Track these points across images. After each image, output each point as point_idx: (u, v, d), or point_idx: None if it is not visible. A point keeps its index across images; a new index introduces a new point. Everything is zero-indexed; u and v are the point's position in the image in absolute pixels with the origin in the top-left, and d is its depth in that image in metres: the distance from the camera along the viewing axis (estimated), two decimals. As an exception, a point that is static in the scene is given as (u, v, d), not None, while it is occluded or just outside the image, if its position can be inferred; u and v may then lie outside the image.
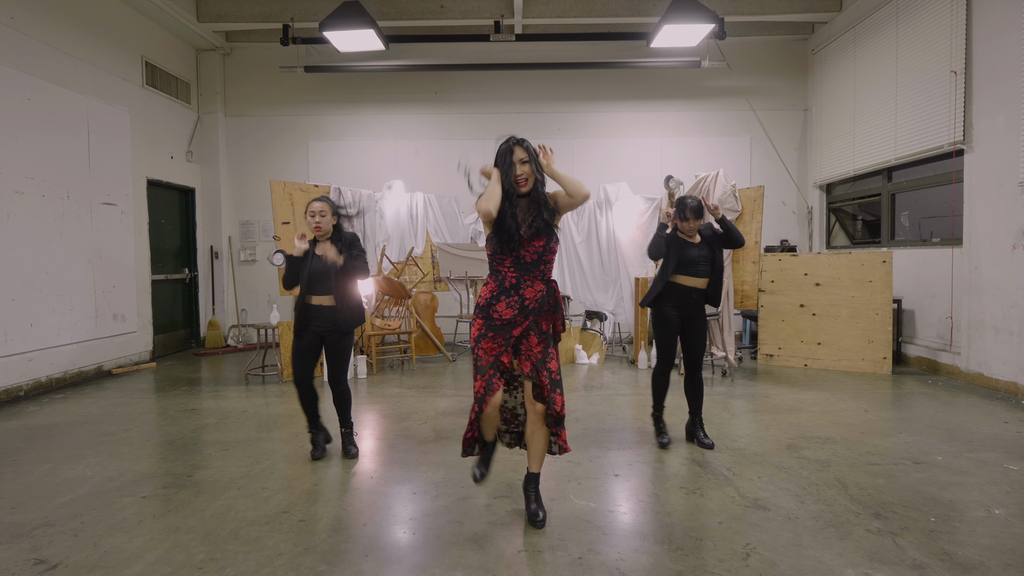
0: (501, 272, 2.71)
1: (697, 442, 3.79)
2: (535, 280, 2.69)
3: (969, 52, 5.44)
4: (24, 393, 5.40)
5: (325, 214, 3.57)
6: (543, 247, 2.69)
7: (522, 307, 2.67)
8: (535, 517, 2.70)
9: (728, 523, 2.69)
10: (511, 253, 2.68)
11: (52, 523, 2.79)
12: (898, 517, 2.73)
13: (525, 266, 2.68)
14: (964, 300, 5.52)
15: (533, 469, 2.79)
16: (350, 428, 3.77)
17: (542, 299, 2.70)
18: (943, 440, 3.85)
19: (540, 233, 2.68)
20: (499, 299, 2.67)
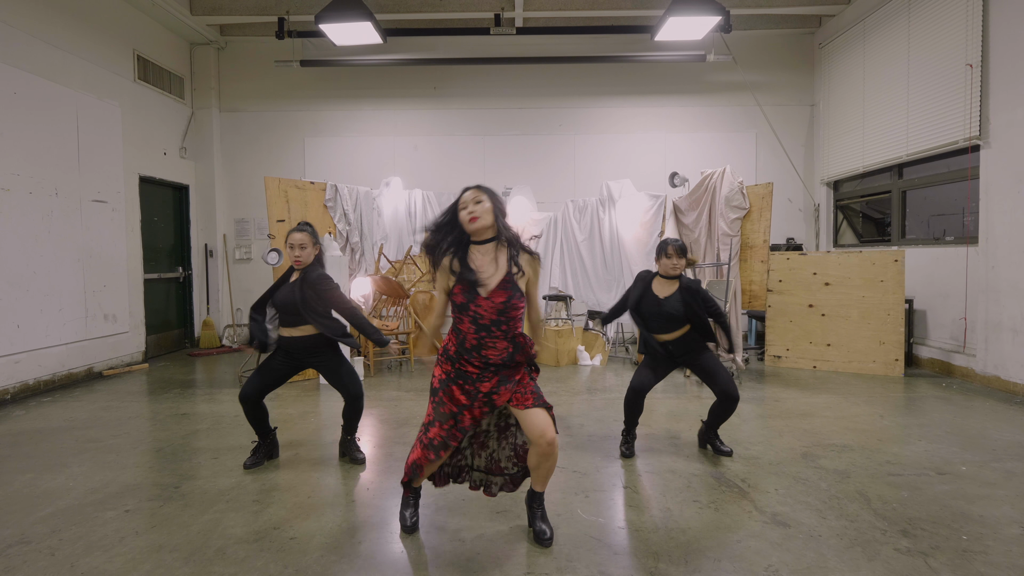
0: (461, 332, 2.45)
1: (713, 449, 3.63)
2: (496, 340, 2.41)
3: (986, 44, 5.26)
4: (11, 396, 5.23)
5: (306, 246, 3.42)
6: (503, 303, 2.37)
7: (486, 366, 2.44)
8: (542, 536, 2.54)
9: (747, 541, 2.53)
10: (465, 312, 2.40)
11: (28, 540, 2.62)
12: (927, 535, 2.57)
13: (484, 326, 2.39)
14: (980, 300, 5.36)
15: (538, 489, 2.60)
16: (353, 436, 3.64)
17: (507, 357, 2.44)
18: (965, 448, 3.69)
19: (500, 288, 2.38)
20: (462, 356, 2.46)
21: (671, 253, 3.45)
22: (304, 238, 3.41)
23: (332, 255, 5.77)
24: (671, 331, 3.48)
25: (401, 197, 7.43)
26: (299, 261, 3.40)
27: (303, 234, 3.41)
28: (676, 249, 3.44)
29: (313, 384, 5.70)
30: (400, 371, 6.38)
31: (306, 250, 3.42)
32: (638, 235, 6.91)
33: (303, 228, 3.45)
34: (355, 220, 6.91)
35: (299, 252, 3.40)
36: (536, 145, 8.36)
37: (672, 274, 3.47)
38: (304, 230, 3.44)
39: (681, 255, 3.45)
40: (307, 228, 3.46)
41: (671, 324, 3.45)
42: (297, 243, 3.39)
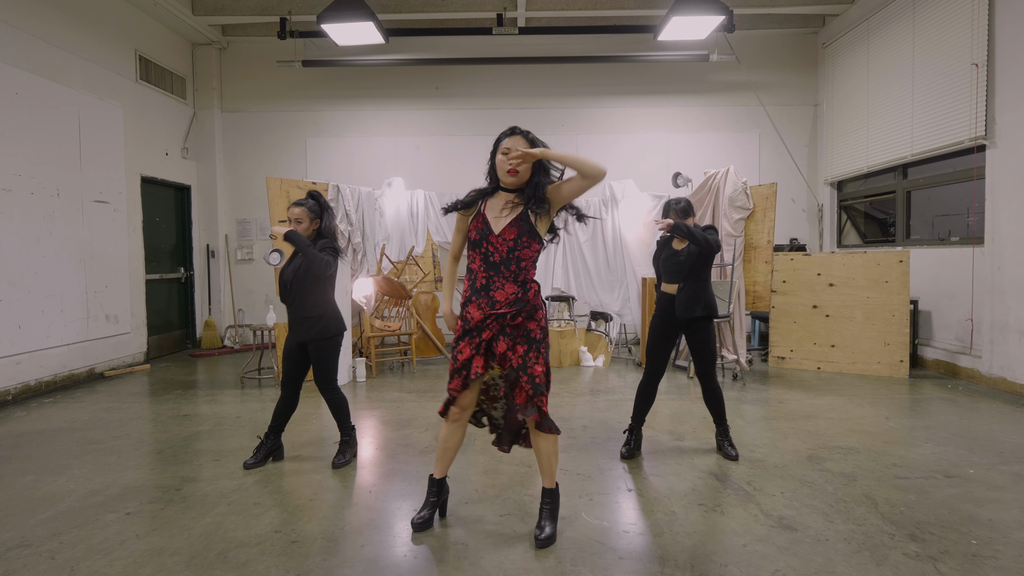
0: (473, 271, 2.54)
1: (722, 453, 3.60)
2: (506, 281, 2.45)
3: (992, 43, 5.23)
4: (12, 397, 5.21)
5: (302, 220, 3.35)
6: (514, 240, 2.42)
7: (493, 307, 2.45)
8: (537, 535, 2.53)
9: (753, 546, 2.50)
10: (478, 248, 2.47)
11: (28, 543, 2.60)
12: (936, 539, 2.54)
13: (493, 264, 2.45)
14: (986, 301, 5.32)
15: (544, 483, 2.63)
16: (349, 434, 3.60)
17: (515, 302, 2.45)
18: (972, 451, 3.66)
19: (511, 225, 2.43)
20: (471, 300, 2.51)
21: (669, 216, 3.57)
22: (301, 212, 3.33)
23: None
24: (678, 281, 3.57)
25: (403, 197, 7.41)
26: None
27: (300, 208, 3.33)
28: (679, 212, 3.55)
29: (314, 385, 5.67)
30: (402, 372, 6.36)
31: (302, 224, 3.34)
32: (641, 236, 6.88)
33: (302, 202, 3.36)
34: (357, 220, 6.89)
35: (294, 226, 3.32)
36: (538, 145, 8.31)
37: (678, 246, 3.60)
38: (302, 204, 3.35)
39: (683, 216, 3.55)
40: (306, 202, 3.36)
41: (680, 271, 3.54)
42: (294, 217, 3.34)
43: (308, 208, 3.35)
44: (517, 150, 2.39)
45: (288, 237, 3.25)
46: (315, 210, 3.39)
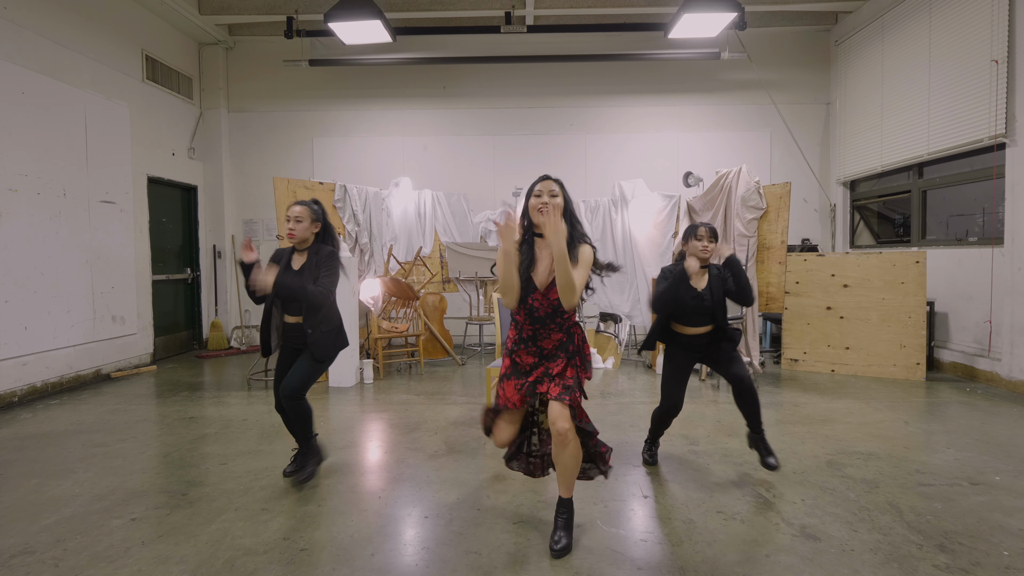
0: (518, 322, 2.57)
1: (760, 460, 3.26)
2: (551, 332, 2.53)
3: (1012, 39, 5.12)
4: (18, 399, 5.18)
5: (302, 219, 3.11)
6: (558, 301, 2.43)
7: (541, 355, 2.57)
8: (553, 545, 2.46)
9: (777, 556, 2.42)
10: (522, 304, 2.50)
11: (32, 550, 2.55)
12: (966, 550, 2.45)
13: (539, 319, 2.50)
14: (1006, 303, 5.21)
15: (561, 493, 2.56)
16: (309, 445, 3.28)
17: (562, 344, 2.55)
18: (997, 456, 3.56)
19: (554, 284, 2.43)
20: (518, 346, 2.59)
21: (702, 235, 3.12)
22: (302, 211, 3.11)
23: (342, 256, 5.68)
24: (706, 324, 3.20)
25: (411, 197, 7.35)
26: (293, 235, 3.10)
27: (302, 207, 3.13)
28: (708, 231, 3.12)
29: (322, 387, 5.62)
30: (410, 374, 6.29)
31: (301, 223, 3.10)
32: (651, 236, 6.79)
33: (303, 203, 3.16)
34: (364, 221, 6.83)
35: (293, 225, 3.09)
36: (547, 145, 8.26)
37: (703, 259, 3.16)
38: (304, 204, 3.15)
39: (713, 238, 3.12)
40: (308, 203, 3.16)
41: (707, 318, 3.17)
42: (294, 216, 3.11)
43: (310, 208, 3.16)
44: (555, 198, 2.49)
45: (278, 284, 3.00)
46: (317, 212, 3.18)
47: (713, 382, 5.67)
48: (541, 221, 2.43)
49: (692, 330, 3.22)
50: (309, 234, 3.15)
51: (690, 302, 3.14)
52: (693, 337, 3.23)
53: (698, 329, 3.21)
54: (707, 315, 3.16)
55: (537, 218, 2.47)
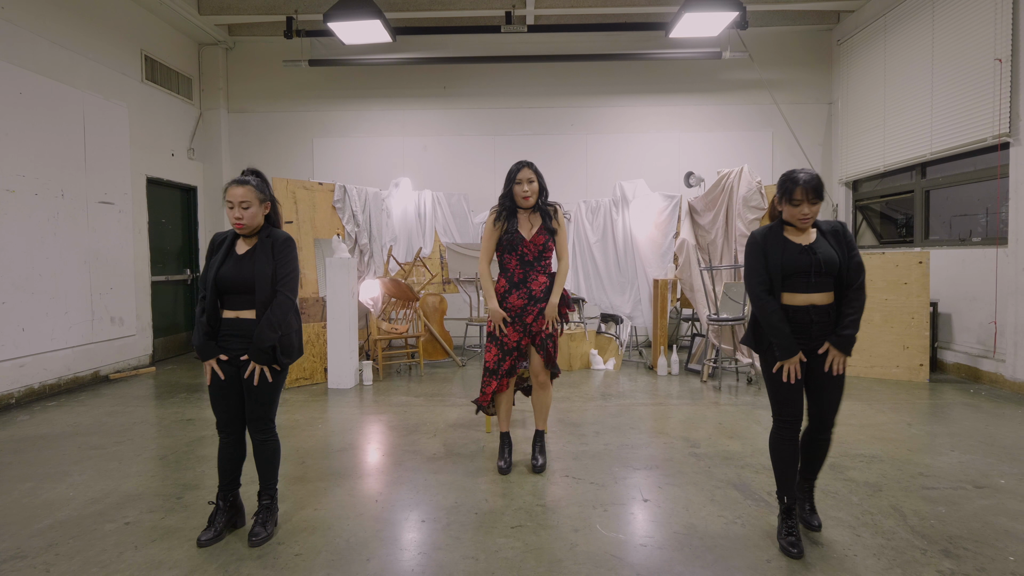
0: (509, 270, 3.31)
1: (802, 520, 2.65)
2: (539, 274, 3.30)
3: (1016, 38, 5.07)
4: (15, 401, 5.16)
5: (249, 205, 2.51)
6: (543, 244, 3.27)
7: (530, 297, 3.27)
8: (535, 464, 3.36)
9: (778, 561, 2.38)
10: (513, 252, 3.27)
11: (24, 555, 2.52)
12: (971, 555, 2.41)
13: (528, 263, 3.28)
14: (1010, 303, 5.16)
15: (539, 427, 3.48)
16: (272, 499, 2.69)
17: (547, 289, 3.31)
18: (1001, 459, 3.52)
19: (539, 233, 3.27)
20: (511, 292, 3.28)
21: (799, 198, 2.40)
22: (246, 193, 2.50)
23: (341, 257, 5.66)
24: (825, 289, 2.48)
25: (410, 198, 7.32)
26: (240, 224, 2.51)
27: (244, 188, 2.50)
28: (811, 190, 2.40)
29: (321, 388, 5.59)
30: (410, 375, 6.26)
31: (249, 209, 2.51)
32: (652, 236, 6.75)
33: (244, 181, 2.53)
34: (364, 221, 6.80)
35: (240, 213, 2.50)
36: (548, 145, 8.23)
37: (805, 226, 2.48)
38: (245, 183, 2.52)
39: (819, 196, 2.42)
40: (249, 180, 2.54)
41: (825, 279, 2.46)
42: (237, 200, 2.49)
43: (254, 187, 2.54)
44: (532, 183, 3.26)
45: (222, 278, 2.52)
46: (264, 189, 2.59)
47: (715, 383, 5.63)
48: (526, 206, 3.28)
49: (807, 297, 2.47)
50: (260, 219, 2.58)
51: (800, 259, 2.45)
52: (806, 309, 2.47)
53: (814, 296, 2.47)
54: (824, 273, 2.45)
55: (523, 204, 3.26)
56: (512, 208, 3.30)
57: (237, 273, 2.53)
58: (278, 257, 2.56)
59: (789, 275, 2.48)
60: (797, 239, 2.51)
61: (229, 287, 2.54)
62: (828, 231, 2.53)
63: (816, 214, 2.45)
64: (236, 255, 2.58)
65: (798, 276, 2.47)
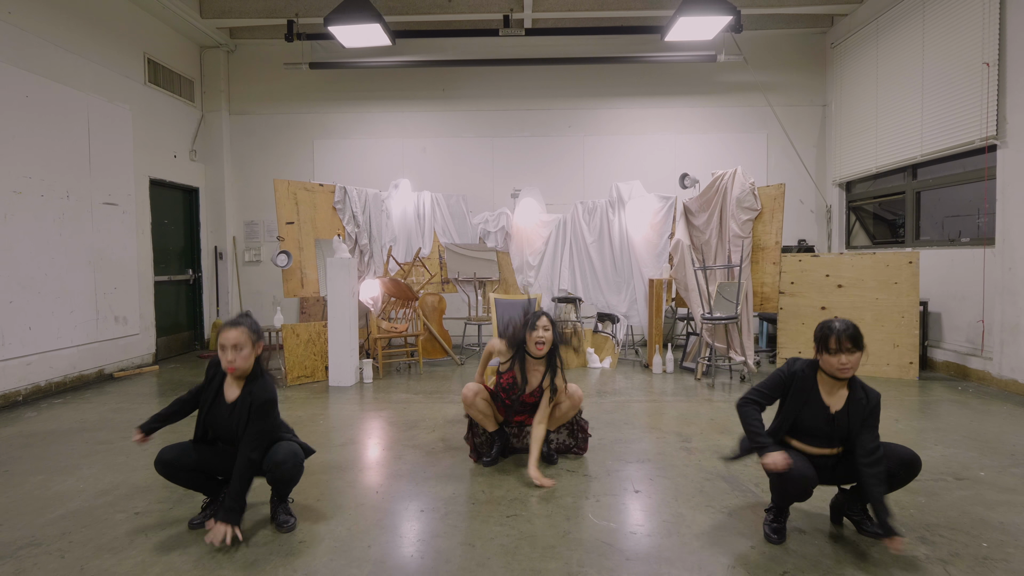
0: (502, 399, 3.47)
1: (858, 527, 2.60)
2: (527, 416, 3.52)
3: (1003, 42, 5.19)
4: (22, 398, 5.26)
5: (242, 347, 2.56)
6: (535, 402, 3.43)
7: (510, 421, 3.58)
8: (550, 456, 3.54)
9: (761, 547, 2.48)
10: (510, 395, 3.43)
11: (39, 542, 2.62)
12: (946, 542, 2.52)
13: (518, 408, 3.47)
14: (996, 303, 5.27)
15: (551, 428, 3.52)
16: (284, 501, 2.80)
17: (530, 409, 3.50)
18: (983, 453, 3.63)
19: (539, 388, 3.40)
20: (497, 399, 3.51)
21: (835, 347, 2.35)
22: (240, 336, 2.55)
23: (341, 257, 5.77)
24: (835, 447, 2.51)
25: (410, 199, 7.43)
26: (232, 368, 2.56)
27: (238, 330, 2.56)
28: (848, 338, 2.36)
29: (322, 386, 5.70)
30: (409, 373, 6.37)
31: (242, 352, 2.56)
32: (648, 237, 6.86)
33: (238, 323, 2.59)
34: (364, 222, 6.91)
35: (232, 356, 2.55)
36: (545, 147, 8.34)
37: (843, 376, 2.42)
38: (239, 324, 2.58)
39: (856, 345, 2.37)
40: (244, 322, 2.60)
41: (833, 442, 2.50)
42: (230, 343, 2.54)
43: (247, 328, 2.60)
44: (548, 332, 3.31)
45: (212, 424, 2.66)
46: (256, 329, 2.65)
47: (708, 381, 5.74)
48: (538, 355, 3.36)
49: (815, 450, 2.52)
50: (251, 362, 2.63)
51: (815, 423, 2.46)
52: (815, 456, 2.53)
53: (823, 450, 2.52)
54: (831, 440, 2.48)
55: (535, 352, 3.33)
56: (523, 353, 3.36)
57: (224, 424, 2.65)
58: (252, 419, 2.58)
59: (805, 431, 2.49)
60: (828, 399, 2.46)
61: (220, 433, 2.69)
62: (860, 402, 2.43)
63: (856, 364, 2.38)
64: (225, 402, 2.65)
65: (814, 436, 2.48)
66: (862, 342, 2.37)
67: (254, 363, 2.65)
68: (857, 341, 2.35)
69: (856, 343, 2.35)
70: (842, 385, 2.46)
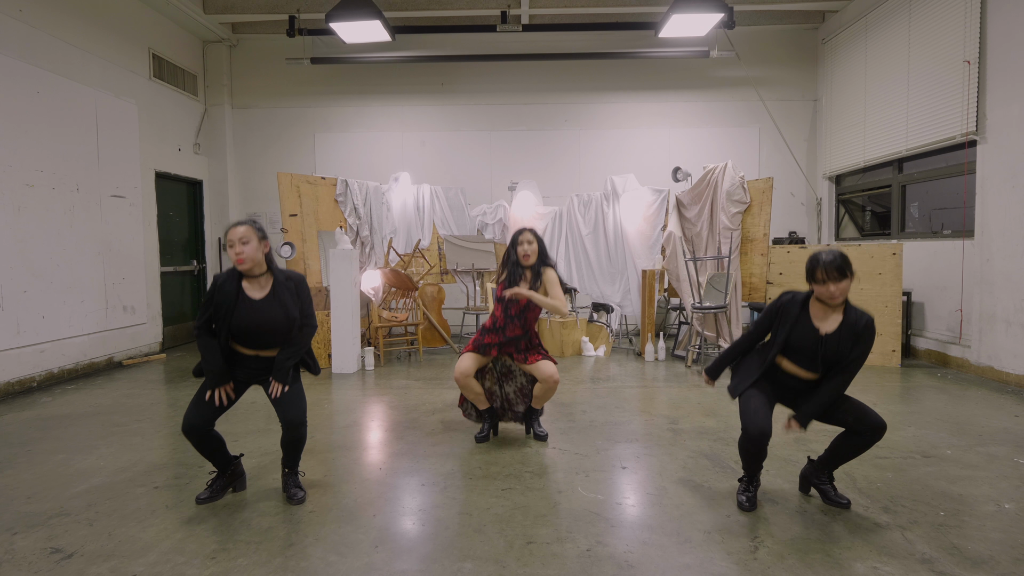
0: (495, 316, 3.72)
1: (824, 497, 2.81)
2: (515, 327, 3.67)
3: (983, 41, 5.36)
4: (37, 384, 5.46)
5: (248, 241, 2.73)
6: (525, 306, 3.66)
7: (504, 339, 3.67)
8: (540, 434, 3.81)
9: (736, 516, 2.69)
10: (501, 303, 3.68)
11: (67, 512, 2.83)
12: (907, 511, 2.73)
13: (511, 316, 3.67)
14: (975, 293, 5.48)
15: (536, 406, 3.80)
16: (296, 470, 2.99)
17: (516, 338, 3.68)
18: (953, 434, 3.84)
19: None
20: (489, 332, 3.71)
21: (821, 278, 2.51)
22: (246, 231, 2.74)
23: (343, 248, 5.95)
24: (818, 372, 2.66)
25: (409, 192, 7.60)
26: (241, 260, 2.73)
27: (244, 227, 2.76)
28: (835, 269, 2.49)
29: (325, 373, 5.90)
30: (410, 361, 6.57)
31: (249, 245, 2.73)
32: (641, 229, 7.05)
33: (242, 222, 2.81)
34: (365, 214, 7.09)
35: (240, 248, 2.71)
36: (542, 140, 8.51)
37: (835, 303, 2.57)
38: (243, 223, 2.79)
39: (842, 274, 2.50)
40: (247, 221, 2.81)
41: (823, 367, 2.64)
42: (237, 237, 2.73)
43: (253, 226, 2.80)
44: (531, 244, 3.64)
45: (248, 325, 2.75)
46: (261, 229, 2.84)
47: (699, 368, 5.95)
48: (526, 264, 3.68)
49: (798, 370, 2.69)
50: (260, 255, 2.79)
51: (805, 344, 2.61)
52: (793, 378, 2.72)
53: (804, 373, 2.69)
54: (820, 363, 2.62)
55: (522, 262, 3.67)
56: (516, 263, 3.70)
57: (261, 318, 2.75)
58: (304, 297, 2.87)
59: (793, 349, 2.65)
60: (819, 323, 2.61)
61: (250, 331, 2.76)
62: (853, 324, 2.57)
63: (845, 291, 2.52)
64: (252, 300, 2.77)
65: (800, 354, 2.64)
66: (848, 270, 2.51)
67: (266, 262, 2.82)
68: (843, 270, 2.50)
69: (842, 272, 2.49)
70: (837, 311, 2.61)
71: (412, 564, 2.33)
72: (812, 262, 2.56)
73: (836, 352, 2.58)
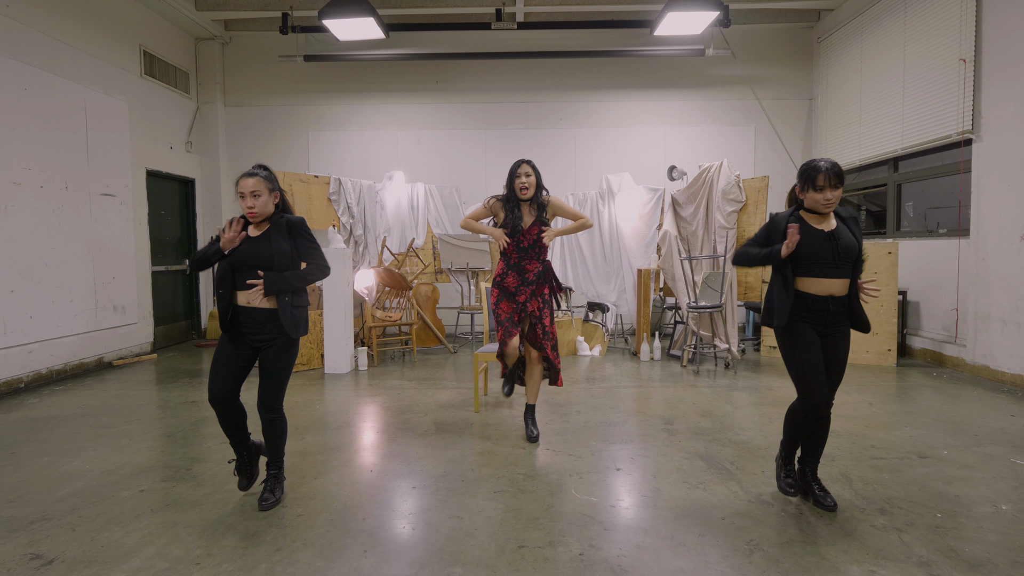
0: (508, 254, 3.71)
1: (813, 499, 2.78)
2: (532, 260, 3.69)
3: (979, 40, 5.34)
4: (24, 385, 5.38)
5: (260, 194, 2.70)
6: (537, 235, 3.67)
7: (524, 279, 3.67)
8: (531, 435, 3.74)
9: (732, 519, 2.66)
10: (514, 238, 3.67)
11: (50, 517, 2.77)
12: (903, 513, 2.70)
13: (524, 250, 3.69)
14: (970, 292, 5.46)
15: (530, 401, 3.85)
16: (279, 469, 2.91)
17: (539, 273, 3.69)
18: (949, 434, 3.81)
19: (535, 223, 3.68)
20: (508, 273, 3.70)
21: (821, 184, 2.55)
22: (257, 183, 2.69)
23: (336, 248, 5.89)
24: (843, 275, 2.61)
25: (403, 190, 7.54)
26: (253, 212, 2.69)
27: (255, 179, 2.70)
28: (834, 175, 2.55)
29: (318, 373, 5.84)
30: (403, 361, 6.52)
31: (260, 198, 2.70)
32: (637, 228, 7.01)
33: (254, 172, 2.73)
34: (358, 213, 7.03)
35: (252, 201, 2.69)
36: (537, 139, 8.46)
37: (829, 210, 2.62)
38: (255, 174, 2.72)
39: (840, 180, 2.56)
40: (259, 172, 2.74)
41: (845, 265, 2.60)
42: (249, 190, 2.68)
43: (263, 177, 2.74)
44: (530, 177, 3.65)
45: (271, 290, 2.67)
46: (271, 179, 2.77)
47: (694, 367, 5.91)
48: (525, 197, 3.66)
49: (825, 284, 2.61)
50: (271, 207, 2.77)
51: (822, 244, 2.58)
52: (823, 299, 2.62)
53: (832, 284, 2.61)
54: (844, 260, 2.59)
55: (522, 195, 3.65)
56: (515, 199, 3.68)
57: (254, 251, 2.71)
58: (301, 238, 2.80)
59: (811, 262, 2.60)
60: (819, 225, 2.64)
61: (241, 269, 2.71)
62: (846, 217, 2.69)
63: (838, 199, 2.59)
64: (249, 237, 2.76)
65: (820, 263, 2.59)
66: (843, 176, 2.60)
67: (275, 209, 2.80)
68: (841, 177, 2.57)
69: (840, 179, 2.57)
70: (827, 218, 2.67)
71: (402, 569, 2.28)
72: (812, 170, 2.58)
73: (848, 244, 2.61)
